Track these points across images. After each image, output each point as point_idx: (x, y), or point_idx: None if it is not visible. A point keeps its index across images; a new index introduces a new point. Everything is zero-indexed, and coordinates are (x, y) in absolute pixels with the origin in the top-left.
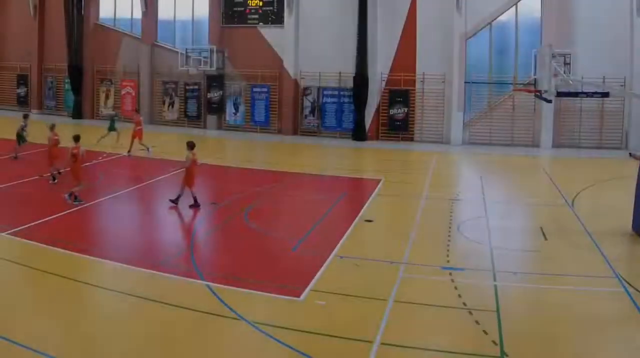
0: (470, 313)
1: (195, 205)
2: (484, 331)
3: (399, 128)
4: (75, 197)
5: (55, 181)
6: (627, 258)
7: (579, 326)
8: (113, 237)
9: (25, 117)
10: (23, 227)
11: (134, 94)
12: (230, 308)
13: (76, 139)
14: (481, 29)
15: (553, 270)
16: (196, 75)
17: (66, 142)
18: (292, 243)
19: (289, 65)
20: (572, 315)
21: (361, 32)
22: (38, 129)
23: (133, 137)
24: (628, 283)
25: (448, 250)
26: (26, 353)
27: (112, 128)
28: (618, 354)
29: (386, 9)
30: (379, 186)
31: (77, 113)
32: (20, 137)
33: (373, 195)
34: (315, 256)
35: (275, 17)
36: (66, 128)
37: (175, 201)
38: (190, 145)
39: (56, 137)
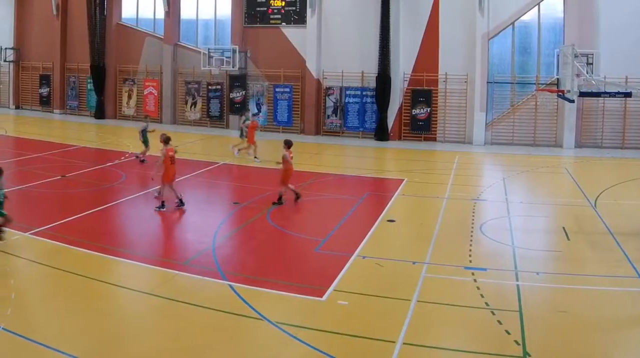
0: (493, 313)
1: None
2: (506, 331)
3: (421, 128)
4: (162, 203)
5: (184, 205)
6: None
7: (602, 327)
8: (136, 237)
9: (146, 117)
10: (46, 227)
11: (156, 94)
12: (253, 308)
13: (167, 140)
14: (504, 28)
15: (576, 271)
16: (219, 75)
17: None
18: (315, 243)
19: (311, 65)
20: (595, 315)
21: (384, 31)
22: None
23: (251, 143)
24: None
25: (470, 250)
26: (50, 353)
27: (145, 141)
28: None
29: (409, 9)
30: (401, 186)
31: (100, 113)
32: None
33: (395, 195)
34: (338, 256)
35: (297, 17)
36: (90, 128)
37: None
38: (165, 139)
39: (172, 153)
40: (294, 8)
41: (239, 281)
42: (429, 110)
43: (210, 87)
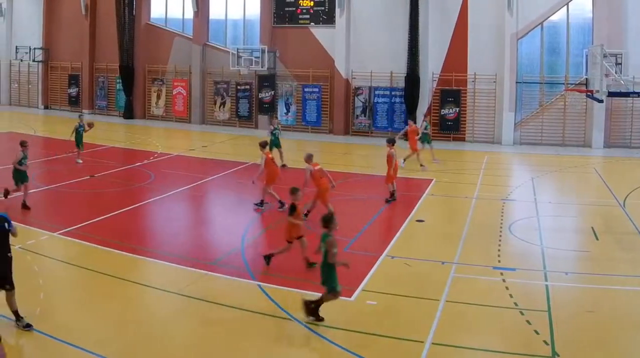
0: (522, 313)
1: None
2: (535, 331)
3: (450, 128)
4: (262, 202)
5: (283, 206)
6: None
7: (631, 327)
8: (164, 237)
9: (274, 117)
10: (75, 227)
11: (185, 94)
12: (282, 308)
13: (264, 145)
14: (532, 28)
15: (604, 271)
16: (247, 75)
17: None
18: (344, 243)
19: (340, 65)
20: (623, 316)
21: (412, 31)
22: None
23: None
24: None
25: (499, 250)
26: (78, 353)
27: (276, 144)
28: None
29: (437, 9)
30: (430, 186)
31: (128, 113)
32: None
33: (424, 195)
34: (367, 256)
35: (326, 17)
36: (119, 128)
37: (260, 204)
38: (262, 144)
39: (270, 156)
40: (322, 8)
41: (268, 281)
42: (457, 110)
43: (239, 87)
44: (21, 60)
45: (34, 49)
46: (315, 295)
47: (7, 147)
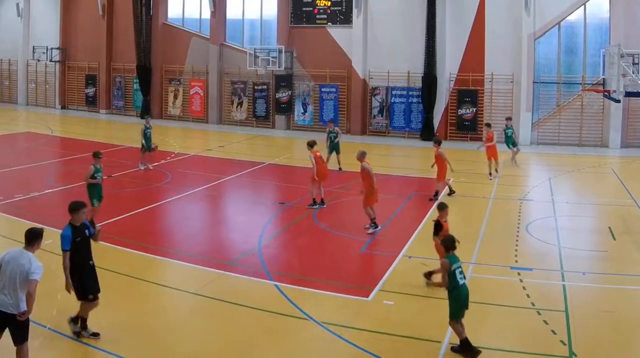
0: (539, 313)
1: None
2: (552, 331)
3: (467, 128)
4: (321, 201)
5: (316, 205)
6: None
7: None
8: (182, 237)
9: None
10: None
11: (202, 94)
12: (299, 308)
13: (312, 144)
14: (550, 28)
15: (622, 271)
16: (264, 75)
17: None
18: (361, 243)
19: (357, 65)
20: None
21: (430, 31)
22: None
23: (489, 158)
24: None
25: (516, 250)
26: (96, 353)
27: (335, 148)
28: None
29: (455, 9)
30: (447, 186)
31: (146, 113)
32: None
33: (441, 195)
34: (384, 256)
35: (343, 17)
36: (136, 128)
37: (314, 204)
38: (311, 143)
39: (318, 153)
40: (339, 8)
41: (285, 281)
42: (475, 110)
43: (256, 87)
44: (38, 60)
45: (51, 49)
46: None
47: (24, 147)
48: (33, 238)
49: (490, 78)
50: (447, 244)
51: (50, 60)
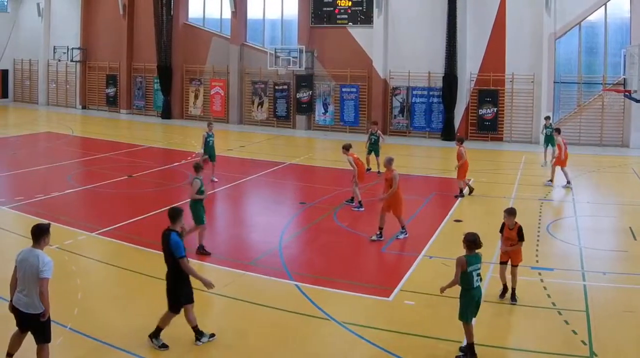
0: (560, 313)
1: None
2: (573, 331)
3: (488, 128)
4: (360, 203)
5: (351, 202)
6: None
7: None
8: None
9: (373, 123)
10: (113, 226)
11: (223, 94)
12: (320, 308)
13: (347, 147)
14: (570, 28)
15: None
16: (285, 75)
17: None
18: (382, 243)
19: (378, 65)
20: None
21: (450, 31)
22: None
23: (554, 165)
24: None
25: (537, 250)
26: (117, 353)
27: (375, 150)
28: None
29: (475, 9)
30: (468, 186)
31: (166, 113)
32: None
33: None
34: (405, 256)
35: (364, 17)
36: (157, 128)
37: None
38: (346, 146)
39: (355, 155)
40: (360, 8)
41: (305, 281)
42: (495, 111)
43: (276, 87)
44: (59, 61)
45: (72, 49)
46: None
47: (45, 147)
48: (39, 234)
49: (510, 78)
50: (467, 242)
51: (71, 60)
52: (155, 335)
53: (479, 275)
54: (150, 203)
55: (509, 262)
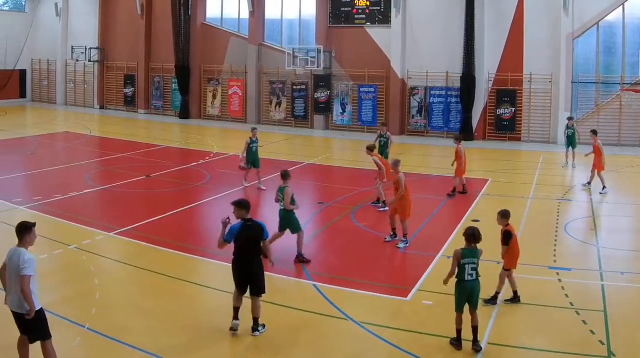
0: (578, 313)
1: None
2: (591, 331)
3: (506, 128)
4: (384, 202)
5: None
6: None
7: None
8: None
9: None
10: (131, 227)
11: (241, 94)
12: (338, 308)
13: (372, 148)
14: (588, 29)
15: None
16: (303, 75)
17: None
18: (399, 242)
19: (396, 65)
20: None
21: (468, 31)
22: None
23: (594, 167)
24: None
25: (555, 250)
26: (134, 353)
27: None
28: None
29: (493, 9)
30: (486, 186)
31: (184, 113)
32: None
33: (480, 195)
34: (423, 256)
35: (382, 17)
36: (175, 128)
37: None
38: (370, 147)
39: (376, 156)
40: (378, 8)
41: (323, 281)
42: (513, 110)
43: (294, 87)
44: (77, 60)
45: (90, 49)
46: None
47: (63, 147)
48: (21, 232)
49: (529, 78)
50: (466, 236)
51: (89, 60)
52: (256, 327)
53: (474, 269)
54: (169, 203)
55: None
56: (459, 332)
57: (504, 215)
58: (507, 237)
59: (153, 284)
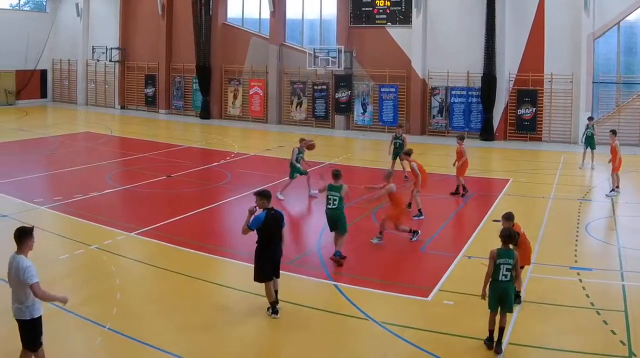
0: (598, 313)
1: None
2: (612, 331)
3: (526, 128)
4: (420, 211)
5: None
6: None
7: None
8: (241, 237)
9: (400, 126)
10: (151, 227)
11: (262, 94)
12: (359, 308)
13: (409, 153)
14: (609, 28)
15: None
16: (324, 75)
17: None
18: (420, 243)
19: (416, 65)
20: None
21: (489, 31)
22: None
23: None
24: None
25: (576, 250)
26: (155, 353)
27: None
28: None
29: (514, 9)
30: (507, 186)
31: (205, 113)
32: None
33: (501, 195)
34: (444, 256)
35: (403, 17)
36: (195, 128)
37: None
38: (408, 152)
39: (415, 162)
40: (399, 8)
41: (344, 281)
42: (534, 110)
43: (315, 87)
44: (98, 61)
45: (111, 49)
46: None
47: (84, 147)
48: (19, 238)
49: (549, 78)
50: (503, 237)
51: (110, 60)
52: (274, 308)
53: (508, 270)
54: (189, 203)
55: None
56: (490, 332)
57: (508, 218)
58: (515, 237)
59: (174, 284)
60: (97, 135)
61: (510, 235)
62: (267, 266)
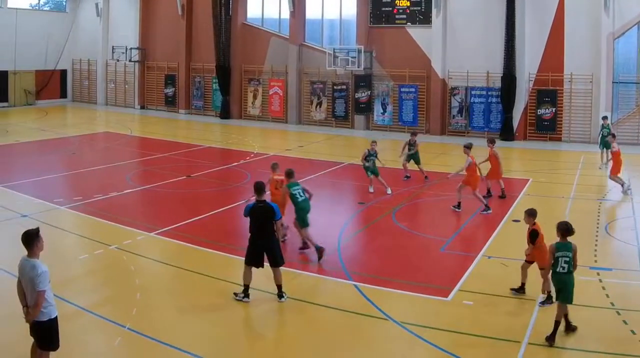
0: (618, 313)
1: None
2: (631, 331)
3: (546, 128)
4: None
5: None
6: None
7: None
8: None
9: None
10: (171, 226)
11: (281, 94)
12: (378, 308)
13: (470, 146)
14: (629, 28)
15: None
16: (344, 75)
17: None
18: (440, 243)
19: (436, 65)
20: None
21: (509, 31)
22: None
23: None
24: None
25: (596, 250)
26: (175, 353)
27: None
28: None
29: (534, 9)
30: (526, 186)
31: (225, 113)
32: None
33: (521, 195)
34: (463, 256)
35: (422, 17)
36: (215, 128)
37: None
38: (468, 145)
39: (475, 159)
40: (419, 8)
41: (364, 281)
42: (554, 110)
43: (335, 87)
44: (117, 61)
45: (130, 49)
46: None
47: (103, 147)
48: (28, 241)
49: (569, 78)
50: (560, 231)
51: (130, 60)
52: (281, 293)
53: (566, 262)
54: (209, 203)
55: (536, 264)
56: (556, 323)
57: (531, 214)
58: (534, 236)
59: (193, 284)
60: (116, 135)
61: (568, 229)
62: (251, 251)
